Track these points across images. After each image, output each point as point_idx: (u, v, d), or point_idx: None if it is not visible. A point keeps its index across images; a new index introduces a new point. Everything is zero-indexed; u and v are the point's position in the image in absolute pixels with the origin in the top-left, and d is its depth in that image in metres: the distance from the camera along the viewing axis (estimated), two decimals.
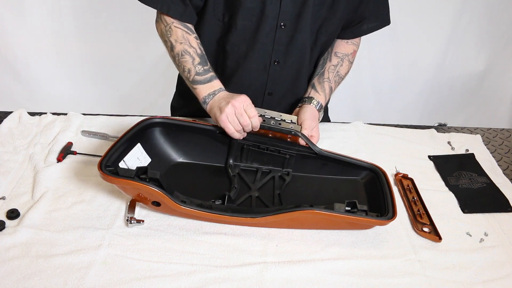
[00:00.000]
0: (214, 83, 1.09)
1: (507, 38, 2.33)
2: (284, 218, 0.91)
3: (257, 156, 1.08)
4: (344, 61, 1.21)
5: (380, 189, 1.00)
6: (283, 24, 1.10)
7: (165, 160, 1.06)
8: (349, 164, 1.06)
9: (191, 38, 1.10)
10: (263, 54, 1.15)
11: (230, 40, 1.14)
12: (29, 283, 0.80)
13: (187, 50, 1.09)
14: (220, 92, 1.08)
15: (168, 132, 1.06)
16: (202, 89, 1.08)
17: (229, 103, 1.02)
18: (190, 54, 1.09)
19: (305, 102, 1.17)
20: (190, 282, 0.83)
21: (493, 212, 1.05)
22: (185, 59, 1.09)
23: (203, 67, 1.09)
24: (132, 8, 2.12)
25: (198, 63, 1.09)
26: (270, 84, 1.21)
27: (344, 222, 0.93)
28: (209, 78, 1.09)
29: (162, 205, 0.91)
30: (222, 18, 1.13)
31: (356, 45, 1.24)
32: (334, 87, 1.21)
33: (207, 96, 1.08)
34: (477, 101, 2.51)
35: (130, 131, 0.98)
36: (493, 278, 0.89)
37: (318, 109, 1.15)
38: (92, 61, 2.33)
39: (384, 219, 0.91)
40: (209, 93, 1.08)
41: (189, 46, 1.09)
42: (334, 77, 1.20)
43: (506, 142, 1.34)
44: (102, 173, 0.88)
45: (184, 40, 1.09)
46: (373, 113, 2.49)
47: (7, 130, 1.20)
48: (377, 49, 2.28)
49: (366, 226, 0.96)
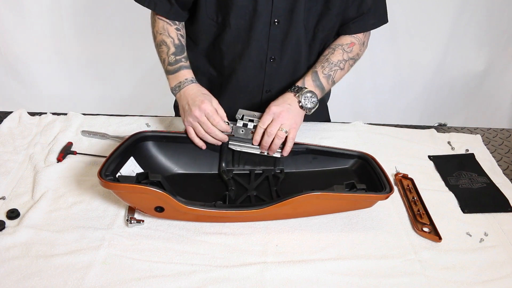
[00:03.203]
0: (181, 73, 1.07)
1: (507, 38, 2.32)
2: (288, 206, 0.91)
3: (249, 158, 1.10)
4: (336, 49, 1.17)
5: (372, 171, 1.03)
6: (276, 20, 1.10)
7: (158, 172, 1.06)
8: (337, 154, 1.10)
9: (171, 28, 1.10)
10: (258, 52, 1.15)
11: (225, 39, 1.14)
12: (29, 283, 0.80)
13: (164, 40, 1.09)
14: (186, 85, 1.06)
15: (159, 145, 1.06)
16: (171, 79, 1.08)
17: (191, 109, 1.02)
18: (166, 44, 1.08)
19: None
20: (190, 282, 0.83)
21: (493, 212, 1.05)
22: (162, 50, 1.09)
23: (176, 56, 1.08)
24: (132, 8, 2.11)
25: (172, 53, 1.08)
26: (268, 81, 1.21)
27: (346, 202, 0.96)
28: (177, 68, 1.07)
29: (166, 209, 0.90)
30: (216, 18, 1.13)
31: (356, 39, 1.19)
32: (322, 71, 1.15)
33: (174, 88, 1.07)
34: (477, 101, 2.51)
35: (122, 145, 0.98)
36: (493, 278, 0.89)
37: (294, 92, 1.10)
38: (92, 61, 2.33)
39: (384, 193, 0.95)
40: (176, 84, 1.07)
41: (167, 36, 1.09)
42: (322, 63, 1.16)
43: (506, 142, 1.34)
44: (104, 181, 0.87)
45: (164, 30, 1.10)
46: (373, 113, 2.49)
47: (7, 130, 1.20)
48: (377, 49, 2.27)
49: (368, 203, 0.99)
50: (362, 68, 2.35)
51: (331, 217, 1.00)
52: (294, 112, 1.07)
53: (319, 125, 1.34)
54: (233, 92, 1.24)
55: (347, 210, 1.01)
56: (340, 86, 1.25)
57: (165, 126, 1.27)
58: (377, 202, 0.99)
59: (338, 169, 1.11)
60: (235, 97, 1.24)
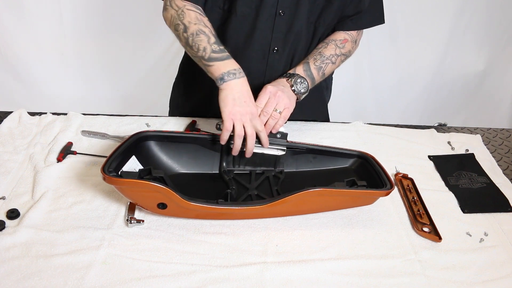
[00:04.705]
0: (232, 61, 1.06)
1: (507, 38, 2.33)
2: (290, 202, 0.91)
3: (249, 159, 1.09)
4: (329, 44, 1.18)
5: (371, 169, 1.04)
6: (282, 11, 1.11)
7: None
8: (337, 153, 1.11)
9: (205, 19, 1.09)
10: (262, 42, 1.16)
11: (229, 27, 1.15)
12: (29, 283, 0.80)
13: (202, 29, 1.07)
14: (241, 76, 1.05)
15: (161, 145, 1.06)
16: (220, 65, 1.05)
17: (249, 104, 1.02)
18: (205, 33, 1.07)
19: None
20: (190, 282, 0.83)
21: (493, 212, 1.05)
22: (200, 38, 1.07)
23: (219, 46, 1.07)
24: (133, 8, 2.12)
25: (214, 42, 1.06)
26: (269, 72, 1.21)
27: (347, 198, 0.97)
28: (226, 56, 1.06)
29: (169, 206, 0.90)
30: (223, 5, 1.14)
31: (349, 35, 1.21)
32: (314, 62, 1.16)
33: (227, 73, 1.04)
34: (477, 101, 2.51)
35: (124, 144, 0.98)
36: (493, 278, 0.89)
37: (286, 77, 1.13)
38: (92, 61, 2.33)
39: (385, 190, 0.96)
40: (229, 70, 1.04)
41: (204, 26, 1.08)
42: (315, 56, 1.17)
43: (506, 142, 1.34)
44: (107, 176, 0.87)
45: (198, 21, 1.08)
46: (373, 113, 2.49)
47: (7, 130, 1.20)
48: (377, 49, 2.28)
49: (369, 200, 0.99)
50: (362, 68, 2.35)
51: (331, 217, 1.00)
52: (289, 93, 1.09)
53: (319, 125, 1.34)
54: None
55: (348, 206, 1.01)
56: (340, 86, 1.25)
57: (165, 126, 1.27)
58: (377, 200, 1.00)
59: (338, 168, 1.11)
60: None
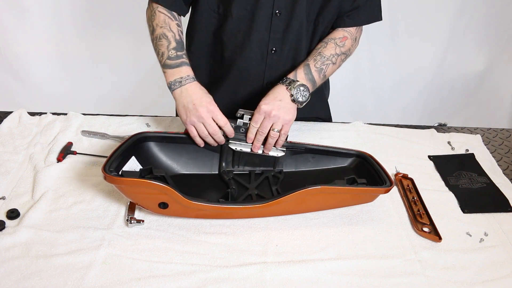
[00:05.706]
0: (183, 69, 1.07)
1: (507, 38, 2.33)
2: (291, 200, 0.92)
3: (249, 159, 1.10)
4: (329, 43, 1.17)
5: (371, 168, 1.05)
6: (278, 11, 1.10)
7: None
8: (336, 153, 1.11)
9: (172, 23, 1.10)
10: (260, 43, 1.15)
11: (226, 30, 1.15)
12: (29, 283, 0.80)
13: (165, 34, 1.08)
14: (187, 82, 1.06)
15: (160, 145, 1.06)
16: (170, 73, 1.07)
17: (197, 109, 1.02)
18: (167, 38, 1.08)
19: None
20: (190, 282, 0.83)
21: (493, 212, 1.05)
22: (162, 43, 1.08)
23: (177, 52, 1.07)
24: (132, 8, 2.12)
25: (173, 48, 1.07)
26: (268, 73, 1.20)
27: (347, 196, 0.98)
28: (179, 64, 1.07)
29: (170, 205, 0.90)
30: (217, 9, 1.13)
31: (348, 33, 1.19)
32: (315, 64, 1.14)
33: (174, 82, 1.06)
34: (477, 101, 2.51)
35: (123, 144, 0.98)
36: (493, 278, 0.89)
37: (285, 85, 1.09)
38: (92, 61, 2.33)
39: (385, 187, 0.97)
40: (176, 79, 1.06)
41: (168, 30, 1.08)
42: (315, 57, 1.15)
43: (506, 142, 1.34)
44: (109, 176, 0.87)
45: (165, 24, 1.09)
46: (373, 113, 2.49)
47: (7, 130, 1.20)
48: (377, 49, 2.28)
49: (369, 197, 1.00)
50: (362, 68, 2.35)
51: (331, 217, 1.00)
52: (286, 108, 1.05)
53: (319, 125, 1.34)
54: (234, 84, 1.24)
55: (349, 204, 1.02)
56: (340, 86, 1.25)
57: (165, 126, 1.27)
58: (377, 200, 1.00)
59: (337, 168, 1.11)
60: (236, 89, 1.24)
